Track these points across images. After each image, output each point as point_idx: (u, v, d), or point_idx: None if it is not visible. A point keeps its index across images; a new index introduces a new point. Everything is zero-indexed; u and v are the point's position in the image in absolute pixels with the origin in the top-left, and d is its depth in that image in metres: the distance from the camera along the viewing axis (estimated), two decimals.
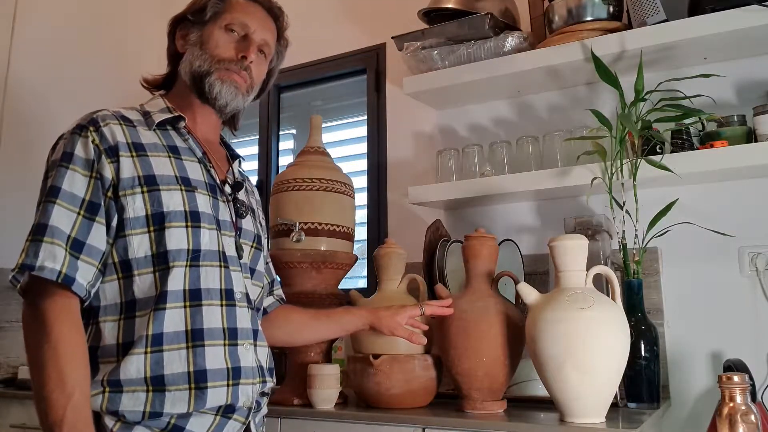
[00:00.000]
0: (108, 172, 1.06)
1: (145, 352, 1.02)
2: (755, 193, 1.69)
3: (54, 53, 2.52)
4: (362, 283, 2.29)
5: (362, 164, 2.35)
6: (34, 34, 2.46)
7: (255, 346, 1.15)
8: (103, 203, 1.05)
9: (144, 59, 2.90)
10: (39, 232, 1.01)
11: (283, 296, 1.44)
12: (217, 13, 1.21)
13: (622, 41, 1.69)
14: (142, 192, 1.07)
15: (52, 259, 0.99)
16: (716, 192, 1.73)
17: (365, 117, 2.37)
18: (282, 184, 1.66)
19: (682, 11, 1.66)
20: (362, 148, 2.37)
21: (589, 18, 1.77)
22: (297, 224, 1.60)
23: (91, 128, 1.08)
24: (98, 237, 1.04)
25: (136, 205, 1.06)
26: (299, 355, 1.62)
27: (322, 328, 1.42)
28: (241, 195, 1.24)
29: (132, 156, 1.08)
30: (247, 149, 2.60)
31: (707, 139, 1.61)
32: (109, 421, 1.01)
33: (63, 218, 1.02)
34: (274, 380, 1.21)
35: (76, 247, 1.02)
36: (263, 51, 1.25)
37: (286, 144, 2.62)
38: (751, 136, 1.59)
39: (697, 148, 1.62)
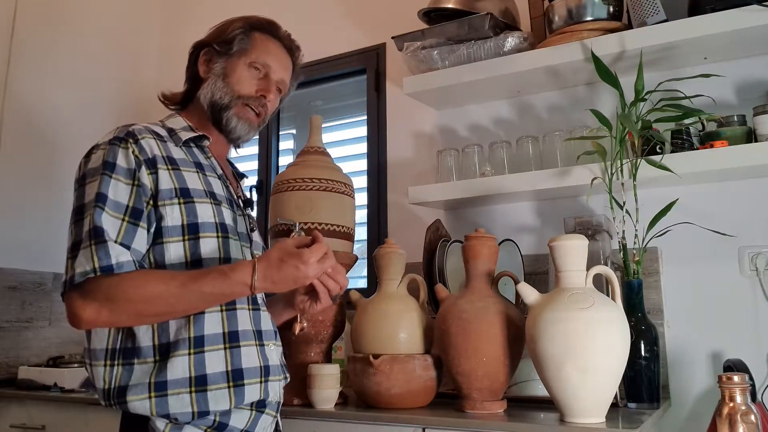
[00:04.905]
0: (148, 181, 1.12)
1: (189, 354, 1.08)
2: (755, 193, 1.69)
3: (54, 54, 2.52)
4: (362, 283, 2.29)
5: (362, 164, 2.35)
6: (34, 36, 2.46)
7: (275, 345, 1.23)
8: (145, 209, 1.11)
9: (143, 60, 2.91)
10: (98, 234, 1.05)
11: None
12: (242, 49, 1.27)
13: (622, 41, 1.69)
14: (179, 203, 1.13)
15: (121, 254, 1.06)
16: (716, 192, 1.73)
17: (365, 117, 2.37)
18: (282, 184, 1.66)
19: (682, 11, 1.66)
20: (362, 148, 2.37)
21: (589, 18, 1.77)
22: (297, 224, 1.60)
23: (131, 140, 1.14)
24: (141, 241, 1.10)
25: (174, 215, 1.12)
26: (299, 355, 1.62)
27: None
28: (248, 210, 1.35)
29: (168, 169, 1.15)
30: (247, 149, 2.60)
31: (707, 139, 1.61)
32: (160, 424, 1.08)
33: (110, 224, 1.07)
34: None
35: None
36: (279, 88, 1.33)
37: (286, 144, 2.62)
38: (751, 136, 1.59)
39: (697, 148, 1.62)
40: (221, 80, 1.26)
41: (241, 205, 1.30)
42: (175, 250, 1.12)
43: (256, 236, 1.32)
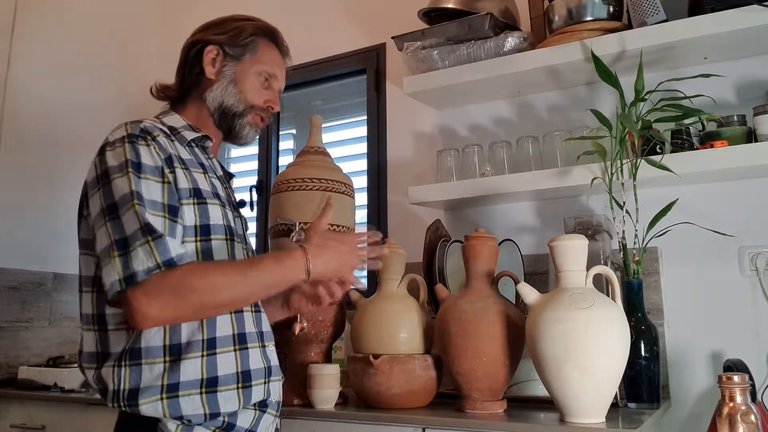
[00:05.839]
0: (171, 179, 1.10)
1: (202, 356, 1.08)
2: (755, 193, 1.69)
3: (53, 54, 2.52)
4: None
5: (362, 164, 2.35)
6: (34, 36, 2.46)
7: (273, 346, 1.24)
8: (178, 205, 1.09)
9: (144, 61, 2.91)
10: (152, 230, 1.03)
11: None
12: (252, 56, 1.28)
13: (622, 41, 1.69)
14: (193, 204, 1.12)
15: (178, 246, 1.05)
16: (716, 192, 1.73)
17: (365, 117, 2.37)
18: (282, 184, 1.66)
19: (682, 11, 1.67)
20: (362, 148, 2.37)
21: (589, 18, 1.77)
22: (297, 224, 1.60)
23: (148, 137, 1.11)
24: (180, 237, 1.07)
25: (189, 215, 1.11)
26: (299, 355, 1.62)
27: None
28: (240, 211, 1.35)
29: (182, 168, 1.14)
30: (247, 149, 2.60)
31: (707, 139, 1.61)
32: (171, 425, 1.07)
33: (154, 222, 1.04)
34: None
35: None
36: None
37: (286, 144, 2.62)
38: (751, 136, 1.59)
39: (697, 148, 1.62)
40: (233, 86, 1.25)
41: (236, 205, 1.30)
42: (191, 251, 1.10)
43: (247, 237, 1.33)
